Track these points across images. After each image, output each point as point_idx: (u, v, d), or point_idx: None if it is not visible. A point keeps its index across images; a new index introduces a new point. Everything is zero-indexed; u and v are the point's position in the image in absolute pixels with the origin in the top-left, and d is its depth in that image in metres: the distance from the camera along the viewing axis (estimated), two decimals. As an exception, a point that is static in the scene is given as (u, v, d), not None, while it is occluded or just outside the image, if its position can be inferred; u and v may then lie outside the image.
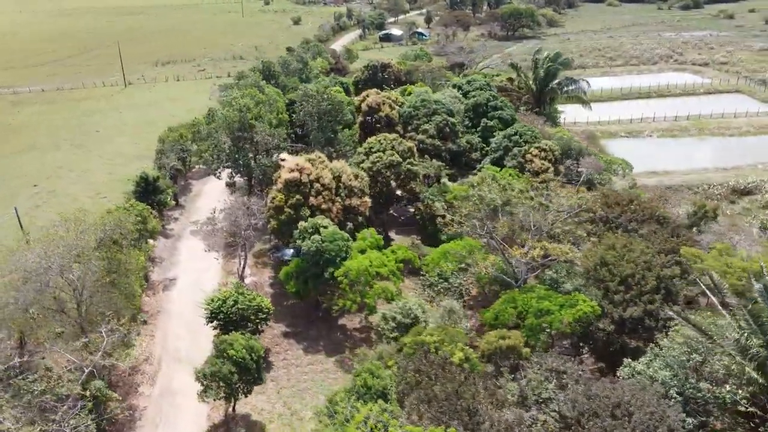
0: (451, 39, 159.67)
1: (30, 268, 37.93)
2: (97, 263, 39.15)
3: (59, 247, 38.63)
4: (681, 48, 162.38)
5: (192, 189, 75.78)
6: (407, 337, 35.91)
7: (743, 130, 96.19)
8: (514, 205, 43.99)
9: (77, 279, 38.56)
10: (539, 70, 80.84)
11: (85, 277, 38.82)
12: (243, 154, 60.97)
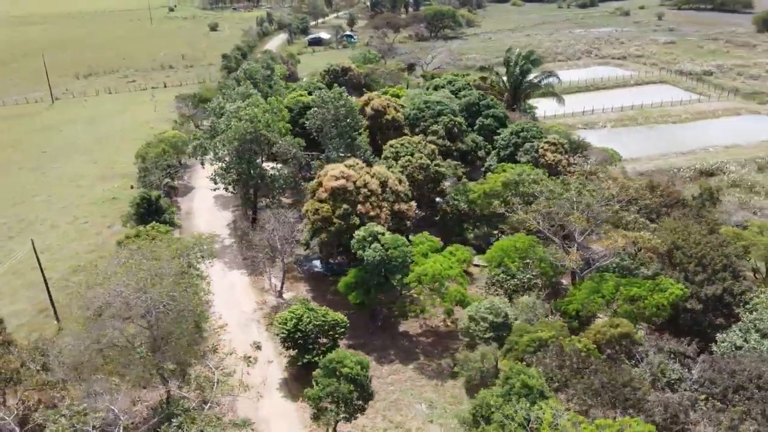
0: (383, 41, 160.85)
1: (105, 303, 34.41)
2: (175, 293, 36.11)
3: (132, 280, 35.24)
4: (596, 44, 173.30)
5: (180, 207, 71.46)
6: (525, 336, 36.14)
7: (682, 117, 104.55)
8: (573, 198, 45.47)
9: (155, 313, 35.40)
10: (514, 68, 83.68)
11: (163, 310, 35.73)
12: (254, 166, 58.36)
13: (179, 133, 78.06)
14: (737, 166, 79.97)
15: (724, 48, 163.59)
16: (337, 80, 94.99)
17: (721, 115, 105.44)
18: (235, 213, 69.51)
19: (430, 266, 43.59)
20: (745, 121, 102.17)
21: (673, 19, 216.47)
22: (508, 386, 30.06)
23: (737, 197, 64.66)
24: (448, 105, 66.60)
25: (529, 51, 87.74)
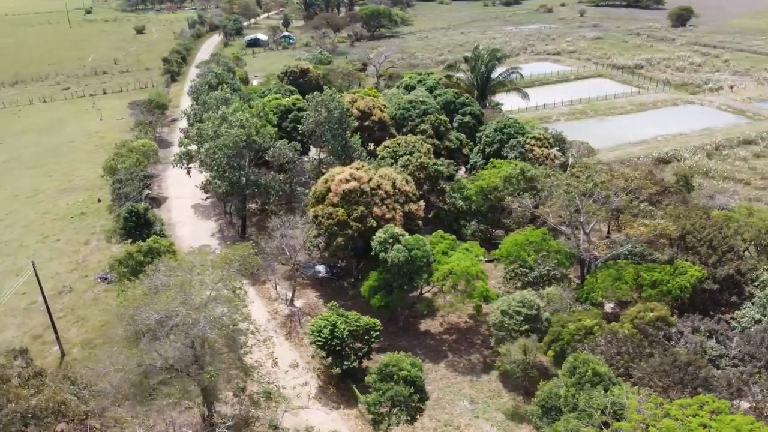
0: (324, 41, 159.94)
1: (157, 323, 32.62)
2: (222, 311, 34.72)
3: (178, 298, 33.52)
4: (529, 40, 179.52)
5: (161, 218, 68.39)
6: (571, 325, 37.29)
7: (627, 109, 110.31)
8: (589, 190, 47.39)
9: (204, 332, 33.88)
10: (481, 65, 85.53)
11: (211, 330, 34.24)
12: (247, 173, 56.74)
13: (149, 142, 74.65)
14: (689, 154, 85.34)
15: (647, 42, 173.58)
16: (296, 82, 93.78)
17: (660, 105, 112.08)
18: (219, 222, 67.41)
19: (456, 264, 44.12)
20: (683, 111, 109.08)
21: (595, 16, 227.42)
22: (577, 375, 31.03)
23: (706, 183, 69.24)
24: (432, 104, 67.35)
25: (494, 48, 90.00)
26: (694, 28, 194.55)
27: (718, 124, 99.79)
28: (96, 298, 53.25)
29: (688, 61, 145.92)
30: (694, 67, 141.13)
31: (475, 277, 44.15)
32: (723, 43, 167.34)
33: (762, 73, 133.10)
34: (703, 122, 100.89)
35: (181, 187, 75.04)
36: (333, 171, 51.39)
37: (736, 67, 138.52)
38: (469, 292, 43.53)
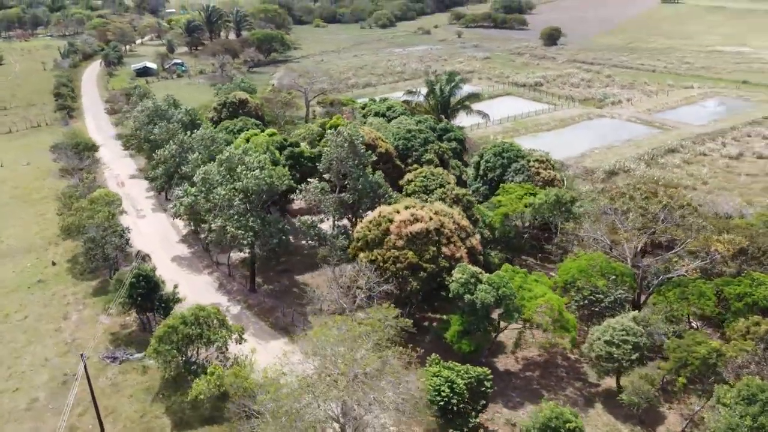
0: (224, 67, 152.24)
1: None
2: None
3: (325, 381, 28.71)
4: (425, 61, 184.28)
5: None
6: (701, 348, 37.21)
7: (552, 125, 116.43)
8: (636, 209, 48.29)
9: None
10: (444, 90, 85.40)
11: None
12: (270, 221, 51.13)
13: (110, 192, 64.97)
14: (633, 164, 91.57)
15: (533, 61, 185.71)
16: (236, 114, 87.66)
17: (578, 120, 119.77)
18: (214, 275, 60.27)
19: (548, 298, 42.77)
20: (600, 124, 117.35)
21: (472, 37, 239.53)
22: (760, 403, 30.93)
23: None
24: (430, 132, 65.75)
25: (451, 73, 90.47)
26: (564, 46, 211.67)
27: (637, 135, 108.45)
28: (114, 383, 44.75)
29: (579, 77, 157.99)
30: (585, 83, 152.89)
31: (564, 308, 43.08)
32: (597, 60, 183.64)
33: (644, 86, 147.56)
34: (623, 134, 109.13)
35: (149, 239, 66.41)
36: (381, 212, 47.77)
37: (621, 82, 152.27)
38: (563, 325, 42.31)
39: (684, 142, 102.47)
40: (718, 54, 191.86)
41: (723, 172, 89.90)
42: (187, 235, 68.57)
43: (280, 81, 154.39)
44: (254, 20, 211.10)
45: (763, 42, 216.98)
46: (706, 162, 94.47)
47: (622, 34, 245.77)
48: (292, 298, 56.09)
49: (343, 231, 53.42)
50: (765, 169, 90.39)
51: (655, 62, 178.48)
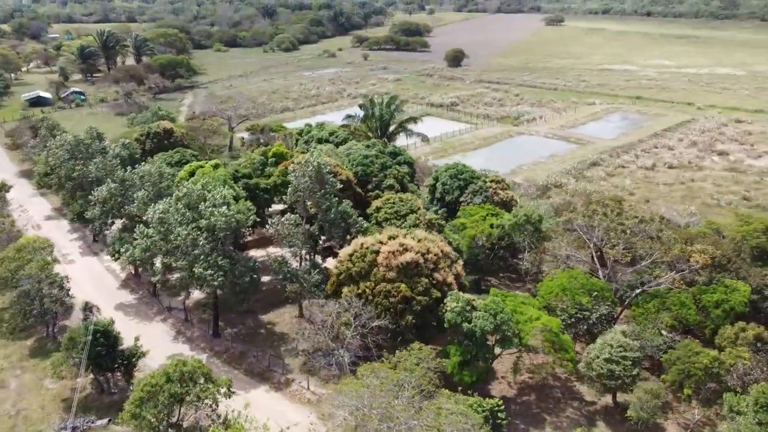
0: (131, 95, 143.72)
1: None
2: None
3: None
4: (338, 84, 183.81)
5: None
6: (702, 359, 38.06)
7: (477, 144, 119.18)
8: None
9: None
10: (384, 113, 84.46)
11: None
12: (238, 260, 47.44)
13: (41, 237, 57.85)
14: (565, 179, 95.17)
15: (444, 82, 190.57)
16: (161, 144, 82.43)
17: (501, 138, 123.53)
18: (169, 322, 55.18)
19: (544, 320, 42.50)
20: (521, 141, 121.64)
21: (378, 59, 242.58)
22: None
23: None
24: (387, 157, 64.47)
25: (391, 97, 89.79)
26: (468, 67, 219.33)
27: (558, 151, 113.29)
28: (80, 459, 39.19)
29: (490, 97, 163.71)
30: (497, 101, 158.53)
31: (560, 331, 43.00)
32: (502, 80, 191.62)
33: (551, 103, 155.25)
34: (545, 150, 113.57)
35: (84, 287, 59.94)
36: (363, 243, 45.71)
37: (530, 100, 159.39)
38: (562, 346, 42.16)
39: (602, 156, 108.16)
40: (608, 72, 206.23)
41: (643, 182, 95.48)
42: (128, 279, 62.75)
43: (191, 107, 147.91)
44: (154, 45, 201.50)
45: (644, 60, 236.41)
46: (626, 173, 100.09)
47: (517, 55, 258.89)
48: (261, 340, 52.40)
49: (314, 265, 50.67)
50: (678, 178, 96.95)
51: (554, 81, 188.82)
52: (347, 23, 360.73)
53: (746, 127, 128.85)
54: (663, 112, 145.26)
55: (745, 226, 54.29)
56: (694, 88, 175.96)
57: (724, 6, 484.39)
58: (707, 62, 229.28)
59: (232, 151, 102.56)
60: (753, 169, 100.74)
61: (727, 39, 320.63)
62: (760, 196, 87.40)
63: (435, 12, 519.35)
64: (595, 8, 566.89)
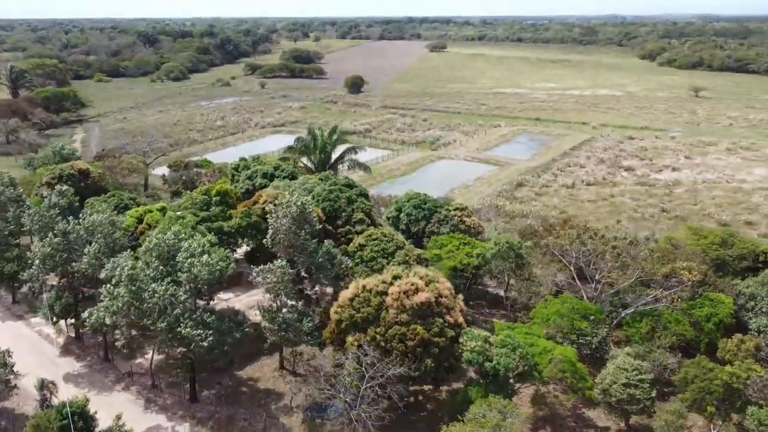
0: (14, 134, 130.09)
1: None
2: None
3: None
4: (242, 113, 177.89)
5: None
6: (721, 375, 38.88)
7: (403, 170, 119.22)
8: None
9: None
10: (326, 144, 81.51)
11: None
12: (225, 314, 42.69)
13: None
14: (500, 201, 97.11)
15: (350, 108, 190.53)
16: (78, 188, 74.40)
17: (423, 163, 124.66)
18: (133, 389, 48.45)
19: (561, 350, 41.92)
20: (445, 165, 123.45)
21: (276, 87, 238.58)
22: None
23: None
24: (349, 190, 61.85)
25: (332, 128, 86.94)
26: (369, 93, 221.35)
27: (482, 173, 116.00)
28: None
29: (400, 122, 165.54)
30: (408, 127, 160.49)
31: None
32: (406, 105, 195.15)
33: (460, 127, 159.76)
34: (469, 173, 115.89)
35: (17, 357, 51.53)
36: (365, 285, 42.85)
37: (439, 125, 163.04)
38: (582, 375, 41.75)
39: (525, 177, 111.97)
40: (502, 95, 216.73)
41: (570, 200, 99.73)
42: (68, 344, 54.96)
43: (84, 144, 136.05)
44: (31, 76, 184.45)
45: (531, 83, 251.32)
46: (551, 192, 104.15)
47: (412, 80, 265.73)
48: (246, 400, 47.46)
49: (302, 313, 46.85)
50: (599, 194, 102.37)
51: (456, 105, 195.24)
52: (235, 51, 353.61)
53: (640, 143, 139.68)
54: (564, 132, 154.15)
55: (702, 240, 57.61)
56: (583, 108, 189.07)
57: (585, 33, 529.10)
58: (586, 84, 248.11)
59: (148, 190, 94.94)
60: (659, 183, 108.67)
61: (595, 62, 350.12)
62: (676, 208, 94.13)
63: (321, 39, 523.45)
64: (471, 35, 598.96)
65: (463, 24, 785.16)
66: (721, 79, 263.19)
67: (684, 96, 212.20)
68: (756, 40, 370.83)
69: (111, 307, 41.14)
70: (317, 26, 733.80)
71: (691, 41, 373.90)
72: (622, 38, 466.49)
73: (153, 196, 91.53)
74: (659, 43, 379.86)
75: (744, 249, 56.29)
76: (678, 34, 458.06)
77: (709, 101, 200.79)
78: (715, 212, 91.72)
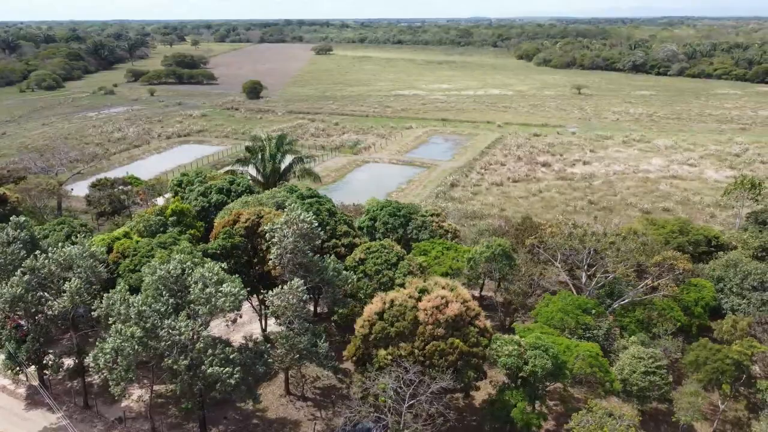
0: None
1: None
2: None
3: None
4: (140, 124, 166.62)
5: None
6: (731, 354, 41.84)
7: (333, 176, 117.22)
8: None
9: None
10: (275, 155, 77.74)
11: None
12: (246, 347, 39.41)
13: None
14: (440, 202, 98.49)
15: (257, 115, 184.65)
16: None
17: (351, 167, 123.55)
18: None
19: (585, 347, 43.26)
20: (373, 168, 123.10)
21: (167, 94, 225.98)
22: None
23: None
24: (328, 202, 59.72)
25: (279, 137, 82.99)
26: (269, 99, 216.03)
27: (411, 175, 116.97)
28: None
29: (314, 127, 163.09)
30: (323, 132, 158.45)
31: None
32: (311, 109, 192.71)
33: (373, 130, 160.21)
34: (399, 176, 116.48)
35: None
36: (393, 299, 41.60)
37: (353, 129, 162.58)
38: (606, 369, 43.30)
39: (454, 177, 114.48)
40: (403, 97, 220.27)
41: (504, 198, 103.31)
42: (33, 394, 48.46)
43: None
44: None
45: (426, 85, 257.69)
46: (483, 191, 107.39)
47: (308, 84, 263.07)
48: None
49: (316, 334, 44.49)
50: (528, 190, 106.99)
51: (362, 108, 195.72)
52: (111, 56, 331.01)
53: (546, 140, 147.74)
54: (474, 132, 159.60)
55: (661, 230, 62.11)
56: (483, 108, 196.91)
57: (461, 35, 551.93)
58: (478, 84, 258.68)
59: (61, 211, 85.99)
60: (577, 176, 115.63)
61: (479, 63, 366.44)
62: (601, 200, 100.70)
63: (199, 42, 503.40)
64: (352, 37, 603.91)
65: (341, 26, 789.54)
66: (594, 77, 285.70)
67: (569, 94, 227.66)
68: (615, 41, 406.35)
69: (125, 349, 36.67)
70: (191, 29, 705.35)
71: (561, 42, 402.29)
72: (496, 39, 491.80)
73: (64, 221, 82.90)
74: (534, 44, 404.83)
75: (699, 235, 61.34)
76: (545, 36, 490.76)
77: (591, 98, 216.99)
78: (635, 201, 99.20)
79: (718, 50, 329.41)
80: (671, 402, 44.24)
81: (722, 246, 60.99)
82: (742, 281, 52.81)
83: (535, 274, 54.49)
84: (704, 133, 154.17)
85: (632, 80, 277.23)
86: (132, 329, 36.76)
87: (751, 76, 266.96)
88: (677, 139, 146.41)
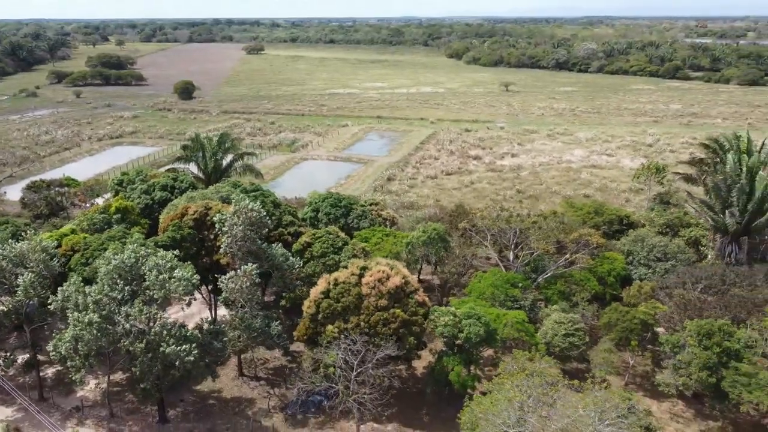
0: None
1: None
2: None
3: None
4: (66, 126, 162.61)
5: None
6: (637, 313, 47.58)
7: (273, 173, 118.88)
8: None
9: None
10: (216, 153, 79.12)
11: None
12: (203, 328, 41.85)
13: None
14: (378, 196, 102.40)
15: (191, 116, 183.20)
16: None
17: (290, 165, 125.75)
18: (85, 422, 45.25)
19: (512, 314, 48.12)
20: (311, 166, 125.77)
21: (94, 96, 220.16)
22: (717, 334, 42.91)
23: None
24: (272, 193, 62.35)
25: (221, 135, 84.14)
26: (202, 99, 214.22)
27: (350, 171, 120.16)
28: None
29: (250, 126, 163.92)
30: (260, 131, 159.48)
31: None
32: (246, 110, 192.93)
33: (309, 129, 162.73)
34: (338, 172, 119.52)
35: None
36: (336, 278, 45.05)
37: (289, 127, 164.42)
38: (531, 334, 48.27)
39: (391, 171, 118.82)
40: (338, 96, 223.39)
41: (438, 189, 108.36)
42: (-17, 389, 48.98)
43: None
44: None
45: (360, 84, 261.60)
46: (419, 184, 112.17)
47: (241, 83, 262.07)
48: (218, 412, 46.89)
49: (269, 317, 47.32)
50: (461, 182, 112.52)
51: (297, 107, 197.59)
52: (30, 57, 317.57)
53: (476, 135, 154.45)
54: (408, 128, 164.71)
55: (578, 211, 68.37)
56: (415, 105, 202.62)
57: (392, 34, 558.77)
58: (410, 83, 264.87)
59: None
60: (506, 168, 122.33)
61: (410, 62, 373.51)
62: (528, 189, 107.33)
63: (124, 43, 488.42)
64: (283, 37, 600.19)
65: (272, 26, 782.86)
66: (521, 74, 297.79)
67: (497, 91, 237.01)
68: (539, 40, 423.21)
69: (84, 336, 38.51)
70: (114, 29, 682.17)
71: (490, 41, 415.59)
72: (426, 38, 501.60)
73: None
74: (463, 43, 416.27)
75: (612, 215, 67.87)
76: (474, 35, 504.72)
77: (518, 94, 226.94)
78: (559, 189, 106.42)
79: (634, 48, 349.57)
80: (589, 362, 49.73)
81: (632, 224, 67.64)
82: (648, 254, 59.34)
83: (468, 255, 59.16)
84: (621, 126, 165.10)
85: (556, 77, 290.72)
86: (90, 316, 38.63)
87: (663, 72, 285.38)
88: (597, 131, 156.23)
